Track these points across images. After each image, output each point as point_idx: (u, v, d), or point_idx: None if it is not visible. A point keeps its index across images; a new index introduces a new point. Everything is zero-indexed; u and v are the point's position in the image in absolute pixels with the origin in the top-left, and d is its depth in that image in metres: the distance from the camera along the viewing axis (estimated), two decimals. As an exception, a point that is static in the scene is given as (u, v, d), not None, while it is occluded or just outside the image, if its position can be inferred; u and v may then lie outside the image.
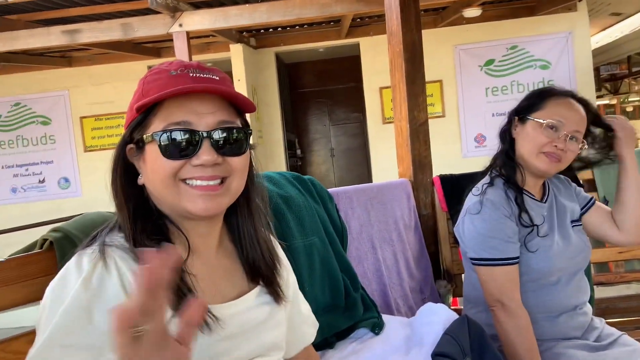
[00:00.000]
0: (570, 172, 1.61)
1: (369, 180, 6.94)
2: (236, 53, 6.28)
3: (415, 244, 2.09)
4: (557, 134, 1.40)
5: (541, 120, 1.42)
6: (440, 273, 2.16)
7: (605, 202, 2.17)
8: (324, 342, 1.35)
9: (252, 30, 6.49)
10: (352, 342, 1.40)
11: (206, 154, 0.82)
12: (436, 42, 6.25)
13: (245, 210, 0.95)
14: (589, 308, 1.54)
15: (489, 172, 1.56)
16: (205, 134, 0.82)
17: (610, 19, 7.43)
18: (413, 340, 1.33)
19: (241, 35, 6.36)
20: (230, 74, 6.27)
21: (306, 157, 8.72)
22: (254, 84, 6.66)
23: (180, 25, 4.63)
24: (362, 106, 7.12)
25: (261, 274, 0.94)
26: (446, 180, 2.25)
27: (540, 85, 6.08)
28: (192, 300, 0.60)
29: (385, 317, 1.50)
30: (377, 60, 6.45)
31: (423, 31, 2.22)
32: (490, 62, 6.36)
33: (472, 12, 5.41)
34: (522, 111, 1.49)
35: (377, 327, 1.42)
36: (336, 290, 1.44)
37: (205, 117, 0.83)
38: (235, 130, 0.85)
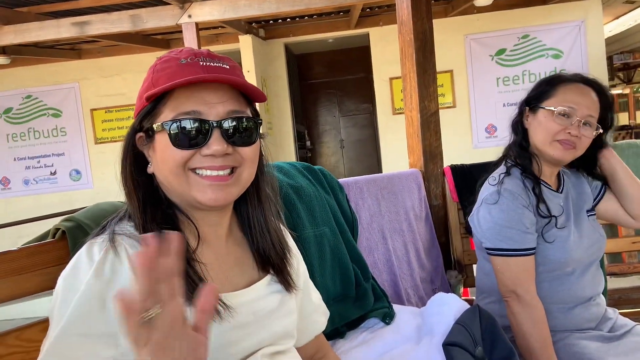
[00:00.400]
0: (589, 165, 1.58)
1: (379, 171, 6.92)
2: (245, 44, 6.26)
3: (426, 234, 2.08)
4: (569, 121, 1.38)
5: (552, 108, 1.40)
6: (451, 263, 2.15)
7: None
8: (334, 332, 1.35)
9: (261, 21, 6.47)
10: (363, 331, 1.40)
11: (216, 143, 0.81)
12: (447, 32, 6.19)
13: (255, 200, 0.94)
14: (602, 299, 1.53)
15: (504, 162, 1.54)
16: (215, 124, 0.81)
17: (624, 7, 7.30)
18: (424, 330, 1.33)
19: (250, 26, 6.34)
20: (239, 65, 6.24)
21: (316, 149, 8.71)
22: (263, 75, 6.65)
23: (190, 16, 4.62)
24: (371, 97, 7.08)
25: (271, 262, 0.94)
26: (457, 170, 2.24)
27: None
28: (204, 287, 0.60)
29: (396, 307, 1.50)
30: (387, 51, 6.40)
31: (433, 21, 2.20)
32: (501, 51, 6.29)
33: (484, 0, 5.34)
34: (533, 100, 1.47)
35: (387, 317, 1.42)
36: (347, 280, 1.44)
37: (216, 107, 0.82)
38: (245, 119, 0.85)
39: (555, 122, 1.39)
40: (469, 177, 2.15)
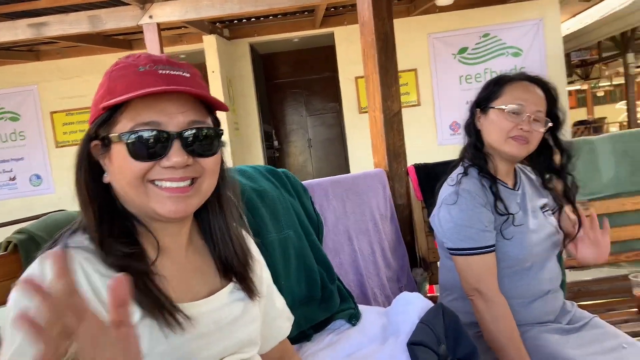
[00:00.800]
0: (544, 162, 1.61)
1: (347, 170, 6.95)
2: (209, 44, 6.19)
3: (392, 234, 2.11)
4: (520, 117, 1.43)
5: (503, 107, 1.44)
6: (416, 261, 2.18)
7: (577, 187, 2.22)
8: (301, 335, 1.35)
9: (225, 21, 6.41)
10: (329, 333, 1.40)
11: (176, 155, 0.80)
12: (410, 31, 6.26)
13: (217, 207, 0.93)
14: (560, 292, 1.57)
15: (461, 163, 1.57)
16: (175, 135, 0.80)
17: (580, 5, 7.55)
18: (389, 330, 1.34)
19: (214, 26, 6.27)
20: (204, 65, 6.20)
21: (283, 148, 8.69)
22: (228, 76, 6.59)
23: (151, 17, 4.54)
24: (338, 96, 7.11)
25: (234, 270, 0.93)
26: (421, 169, 2.27)
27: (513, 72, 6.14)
28: (111, 281, 0.59)
29: (362, 308, 1.51)
30: (352, 50, 6.44)
31: (397, 20, 2.23)
32: (463, 50, 6.40)
33: (445, 0, 5.43)
34: (483, 102, 1.52)
35: (353, 318, 1.43)
36: (312, 282, 1.44)
37: (176, 117, 0.80)
38: (206, 129, 0.83)
39: (507, 120, 1.43)
40: (433, 176, 2.18)
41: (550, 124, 1.47)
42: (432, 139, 6.55)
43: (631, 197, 2.19)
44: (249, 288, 0.93)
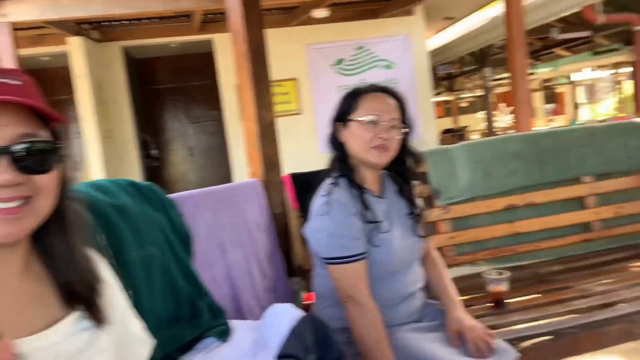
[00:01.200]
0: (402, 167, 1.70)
1: (230, 179, 6.84)
2: (76, 46, 5.75)
3: (268, 244, 2.10)
4: (378, 127, 1.51)
5: (361, 119, 1.52)
6: (293, 270, 2.19)
7: (438, 192, 2.39)
8: (166, 359, 1.28)
9: (93, 22, 5.99)
10: (199, 353, 1.35)
11: (5, 173, 0.72)
12: (289, 41, 6.35)
13: (58, 228, 0.85)
14: (422, 293, 1.68)
15: (331, 174, 1.62)
16: (1, 150, 0.72)
17: (444, 22, 8.22)
18: (260, 344, 1.32)
19: (80, 27, 5.83)
20: (68, 69, 5.75)
21: (163, 157, 8.31)
22: (99, 80, 6.17)
23: (4, 15, 4.10)
24: (219, 104, 6.99)
25: (79, 297, 0.85)
26: (297, 178, 2.29)
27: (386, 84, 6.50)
28: None
29: (234, 323, 1.48)
30: (232, 58, 6.35)
31: (276, 29, 2.25)
32: (340, 61, 6.64)
33: (321, 12, 5.59)
34: (342, 116, 1.58)
35: (224, 335, 1.39)
36: (179, 300, 1.38)
37: (2, 130, 0.72)
38: (40, 143, 0.76)
39: (367, 130, 1.51)
40: (309, 184, 2.22)
41: (406, 130, 1.57)
42: (313, 147, 6.68)
43: (484, 201, 2.40)
44: (96, 315, 0.86)
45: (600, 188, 2.47)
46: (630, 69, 6.77)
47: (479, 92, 12.36)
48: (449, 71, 11.82)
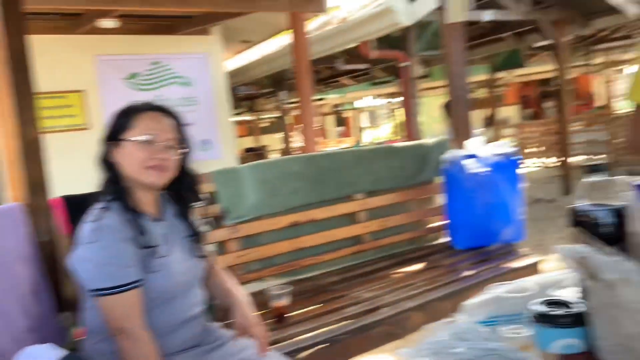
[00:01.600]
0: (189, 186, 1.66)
1: None
2: None
3: (32, 277, 1.85)
4: (154, 147, 1.46)
5: (135, 139, 1.46)
6: (65, 305, 1.98)
7: (226, 212, 2.41)
8: None
9: None
10: None
11: None
12: (75, 50, 5.82)
13: None
14: (203, 316, 1.65)
15: (102, 197, 1.51)
16: None
17: (241, 45, 8.43)
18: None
19: None
20: None
21: None
22: None
23: None
24: None
25: None
26: (71, 200, 2.10)
27: (184, 101, 6.40)
28: None
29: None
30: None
31: (60, 36, 2.03)
32: (134, 75, 6.31)
33: (108, 22, 5.25)
34: (114, 135, 1.50)
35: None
36: None
37: None
38: None
39: (142, 151, 1.45)
40: (85, 207, 2.04)
41: (186, 150, 1.55)
42: (103, 165, 6.19)
43: (270, 219, 2.51)
44: None
45: (369, 204, 2.79)
46: (402, 98, 7.86)
47: (278, 114, 12.99)
48: (249, 92, 12.13)
